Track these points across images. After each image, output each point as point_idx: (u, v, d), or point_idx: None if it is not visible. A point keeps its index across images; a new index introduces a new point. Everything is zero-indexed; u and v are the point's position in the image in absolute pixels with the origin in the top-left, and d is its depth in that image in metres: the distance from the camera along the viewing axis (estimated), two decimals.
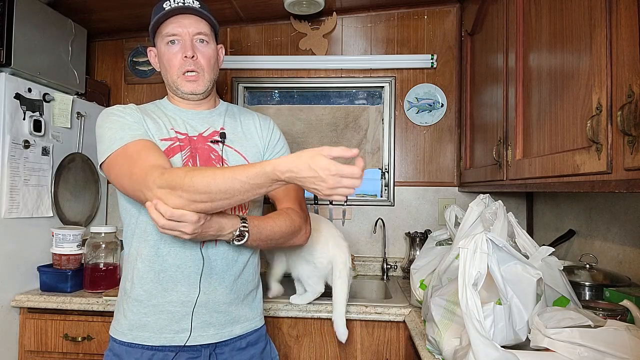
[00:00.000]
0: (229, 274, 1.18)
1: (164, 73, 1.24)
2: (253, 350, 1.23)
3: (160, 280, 1.13)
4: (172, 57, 1.18)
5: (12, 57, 1.64)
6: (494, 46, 1.59)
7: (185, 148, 1.18)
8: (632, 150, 0.76)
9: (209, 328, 1.15)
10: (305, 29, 2.26)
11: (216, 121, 1.27)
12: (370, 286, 2.06)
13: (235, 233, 1.07)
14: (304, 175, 0.93)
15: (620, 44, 0.81)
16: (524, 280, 0.92)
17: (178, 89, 1.21)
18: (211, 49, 1.22)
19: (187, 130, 1.22)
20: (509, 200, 2.08)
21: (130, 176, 1.04)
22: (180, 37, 1.17)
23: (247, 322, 1.23)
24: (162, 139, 1.17)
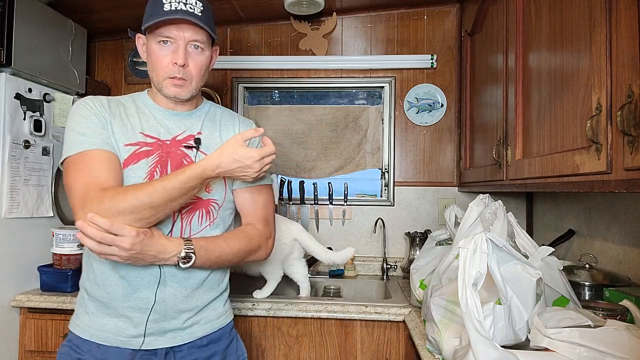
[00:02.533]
0: (190, 282, 1.14)
1: (150, 68, 1.18)
2: (215, 347, 1.20)
3: (123, 285, 1.10)
4: (161, 58, 1.13)
5: (12, 57, 1.64)
6: (493, 46, 1.59)
7: (152, 154, 1.12)
8: (631, 150, 0.76)
9: (166, 333, 1.13)
10: (305, 29, 2.26)
11: (194, 124, 1.21)
12: (370, 286, 2.06)
13: (180, 255, 1.05)
14: (232, 167, 1.06)
15: (620, 44, 0.81)
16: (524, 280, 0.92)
17: (162, 89, 1.16)
18: (204, 57, 1.16)
19: (159, 133, 1.16)
20: (508, 200, 2.08)
21: (73, 191, 1.03)
22: (174, 40, 1.12)
23: (210, 323, 1.20)
24: (127, 144, 1.11)
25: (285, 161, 2.30)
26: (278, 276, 1.67)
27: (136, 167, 1.10)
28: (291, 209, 2.23)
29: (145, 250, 1.01)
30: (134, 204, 0.98)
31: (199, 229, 1.16)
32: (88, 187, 1.01)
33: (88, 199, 0.99)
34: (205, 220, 1.17)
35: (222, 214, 1.21)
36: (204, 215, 1.17)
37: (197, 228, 1.15)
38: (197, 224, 1.15)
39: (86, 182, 1.02)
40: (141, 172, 1.10)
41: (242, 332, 1.61)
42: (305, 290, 1.70)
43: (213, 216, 1.18)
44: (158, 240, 1.04)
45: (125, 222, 0.98)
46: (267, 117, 2.30)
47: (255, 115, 2.31)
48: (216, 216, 1.19)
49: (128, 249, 0.97)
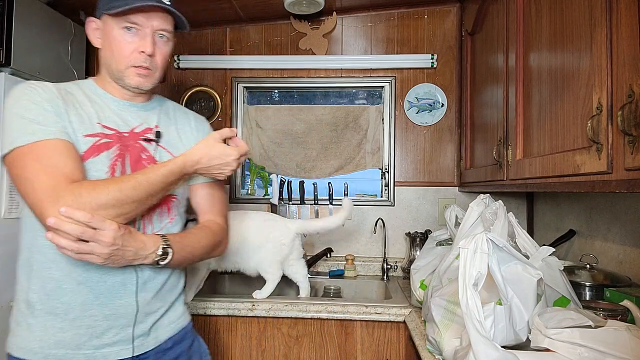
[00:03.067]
0: (154, 284, 1.10)
1: (107, 55, 1.08)
2: (179, 348, 1.17)
3: (80, 293, 1.00)
4: (125, 45, 1.05)
5: (12, 57, 1.64)
6: (494, 46, 1.59)
7: (113, 146, 1.05)
8: (632, 150, 0.75)
9: (134, 340, 1.07)
10: (305, 28, 2.26)
11: (150, 117, 1.16)
12: (371, 286, 2.06)
13: (158, 252, 1.01)
14: (212, 164, 1.07)
15: (620, 43, 0.81)
16: (525, 281, 0.92)
17: (122, 79, 1.08)
18: (169, 48, 1.13)
19: (118, 124, 1.09)
20: (509, 200, 2.08)
21: (35, 184, 0.92)
22: (141, 27, 1.05)
23: (173, 324, 1.17)
24: (86, 135, 1.03)
25: (285, 161, 2.30)
26: (277, 276, 1.67)
27: (97, 161, 1.02)
28: (291, 209, 2.23)
29: (125, 247, 0.94)
30: (117, 197, 0.93)
31: (160, 227, 1.12)
32: (55, 179, 0.92)
33: (60, 192, 0.90)
34: (166, 217, 1.13)
35: (180, 210, 1.19)
36: (165, 212, 1.13)
37: (158, 225, 1.11)
38: (157, 221, 1.11)
39: (51, 174, 0.92)
40: (102, 166, 1.03)
41: (242, 333, 1.61)
42: (305, 290, 1.70)
43: (174, 213, 1.15)
44: (136, 236, 0.98)
45: (105, 216, 0.91)
46: (267, 117, 2.30)
47: (255, 116, 2.31)
48: (176, 213, 1.16)
49: (110, 243, 0.90)
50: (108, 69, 1.10)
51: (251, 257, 1.65)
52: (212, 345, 1.62)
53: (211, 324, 1.62)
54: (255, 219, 1.69)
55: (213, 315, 1.61)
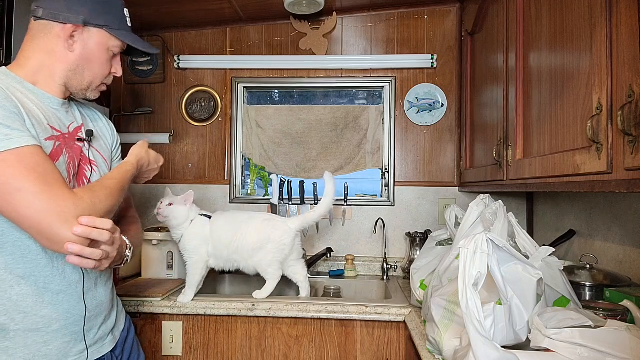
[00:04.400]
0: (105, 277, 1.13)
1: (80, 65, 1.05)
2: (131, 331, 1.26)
3: (61, 301, 0.99)
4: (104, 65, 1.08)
5: (12, 57, 1.64)
6: (494, 46, 1.59)
7: (63, 148, 1.02)
8: (632, 150, 0.75)
9: (109, 335, 1.13)
10: (305, 28, 2.26)
11: (75, 114, 1.13)
12: (371, 286, 2.06)
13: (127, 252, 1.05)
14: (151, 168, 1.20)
15: (620, 43, 0.81)
16: (524, 281, 0.92)
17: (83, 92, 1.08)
18: None
19: (59, 125, 1.04)
20: (509, 200, 2.08)
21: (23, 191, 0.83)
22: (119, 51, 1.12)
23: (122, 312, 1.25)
24: (46, 138, 0.97)
25: (285, 161, 2.30)
26: (278, 276, 1.67)
27: (58, 165, 0.98)
28: (291, 209, 2.23)
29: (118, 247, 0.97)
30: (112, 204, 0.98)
31: None
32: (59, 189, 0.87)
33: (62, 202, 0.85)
34: None
35: None
36: None
37: None
38: None
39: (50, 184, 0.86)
40: (62, 171, 0.98)
41: (243, 333, 1.61)
42: (305, 290, 1.70)
43: None
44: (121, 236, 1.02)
45: None
46: (267, 117, 2.30)
47: (256, 116, 2.31)
48: None
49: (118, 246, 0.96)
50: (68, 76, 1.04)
51: (251, 257, 1.65)
52: (212, 345, 1.62)
53: (211, 324, 1.62)
54: (255, 219, 1.69)
55: (213, 315, 1.61)
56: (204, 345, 1.62)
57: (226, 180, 2.31)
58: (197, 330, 1.63)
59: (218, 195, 2.30)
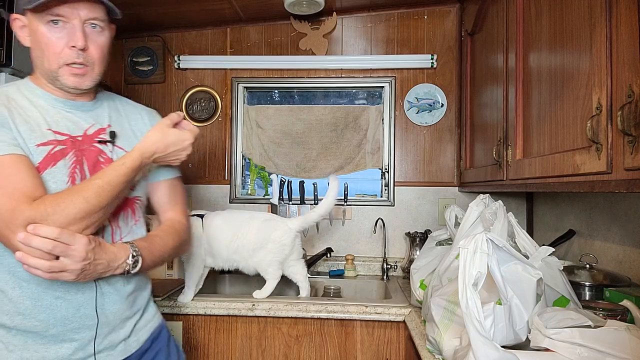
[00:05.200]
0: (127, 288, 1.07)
1: (37, 55, 0.99)
2: (158, 345, 1.17)
3: (61, 306, 0.97)
4: (54, 42, 0.96)
5: (12, 57, 1.64)
6: (494, 46, 1.59)
7: (68, 153, 0.99)
8: (632, 150, 0.75)
9: (117, 346, 1.06)
10: (305, 29, 2.26)
11: (100, 116, 1.09)
12: (371, 286, 2.06)
13: (128, 261, 0.97)
14: (169, 151, 1.06)
15: (620, 43, 0.81)
16: (524, 280, 0.92)
17: (58, 80, 1.00)
18: (105, 38, 1.03)
19: (69, 128, 1.02)
20: (509, 200, 2.08)
21: None
22: (67, 19, 0.96)
23: (151, 322, 1.17)
24: (39, 144, 0.96)
25: (285, 161, 2.30)
26: (278, 276, 1.67)
27: (55, 171, 0.96)
28: (291, 209, 2.23)
29: (97, 260, 0.90)
30: (84, 209, 0.89)
31: (128, 230, 1.09)
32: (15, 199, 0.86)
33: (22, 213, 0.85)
34: (131, 219, 1.10)
35: (143, 210, 1.16)
36: (130, 214, 1.10)
37: (126, 229, 1.08)
38: (124, 225, 1.08)
39: (10, 195, 0.87)
40: (61, 176, 0.97)
41: (243, 333, 1.61)
42: (305, 290, 1.70)
43: (138, 214, 1.13)
44: (106, 247, 0.94)
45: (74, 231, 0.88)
46: (267, 117, 2.30)
47: (256, 116, 2.31)
48: (140, 214, 1.14)
49: (82, 258, 0.86)
50: (41, 70, 1.01)
51: (251, 257, 1.65)
52: (212, 345, 1.62)
53: (211, 323, 1.62)
54: (255, 219, 1.69)
55: (213, 315, 1.61)
56: (204, 345, 1.63)
57: (226, 180, 2.31)
58: (197, 330, 1.63)
59: (218, 195, 2.30)
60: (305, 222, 1.73)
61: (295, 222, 1.71)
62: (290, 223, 1.71)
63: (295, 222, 1.71)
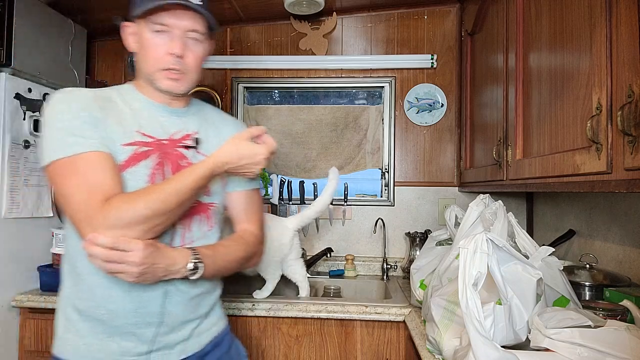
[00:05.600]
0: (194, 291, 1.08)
1: (140, 59, 1.07)
2: (219, 351, 1.17)
3: (128, 300, 1.00)
4: (155, 48, 1.03)
5: (12, 57, 1.64)
6: (494, 46, 1.59)
7: (152, 154, 1.03)
8: (632, 150, 0.75)
9: (175, 346, 1.07)
10: (305, 29, 2.26)
11: (189, 123, 1.14)
12: (370, 286, 2.06)
13: (188, 267, 0.99)
14: (242, 164, 1.05)
15: (620, 43, 0.81)
16: (524, 280, 0.92)
17: (154, 82, 1.06)
18: (202, 49, 1.09)
19: (157, 132, 1.07)
20: (509, 200, 2.08)
21: (71, 203, 0.93)
22: (171, 29, 1.03)
23: (214, 327, 1.17)
24: (125, 144, 1.01)
25: (285, 161, 2.30)
26: (277, 276, 1.67)
27: (135, 170, 1.01)
28: (291, 209, 2.23)
29: (155, 264, 0.93)
30: (145, 214, 0.91)
31: (200, 236, 1.09)
32: (89, 197, 0.92)
33: (91, 213, 0.90)
34: (205, 225, 1.11)
35: (218, 217, 1.16)
36: (204, 220, 1.11)
37: (198, 235, 1.09)
38: (197, 230, 1.09)
39: (86, 192, 0.92)
40: (141, 176, 1.01)
41: (242, 333, 1.61)
42: (304, 290, 1.70)
43: (213, 221, 1.13)
44: (165, 252, 0.96)
45: (134, 234, 0.91)
46: (267, 117, 2.30)
47: (255, 116, 2.31)
48: (215, 221, 1.14)
49: (139, 263, 0.89)
50: (142, 73, 1.09)
51: None
52: None
53: None
54: None
55: None
56: None
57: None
58: None
59: None
60: (302, 219, 1.73)
61: (292, 221, 1.71)
62: (288, 222, 1.70)
63: (293, 221, 1.71)
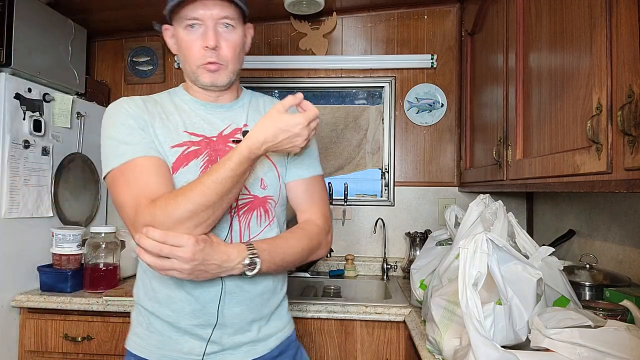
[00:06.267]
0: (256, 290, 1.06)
1: (181, 59, 1.08)
2: (285, 357, 1.13)
3: (190, 302, 1.01)
4: (191, 44, 1.02)
5: (12, 57, 1.64)
6: (494, 46, 1.59)
7: (202, 153, 1.03)
8: (632, 150, 0.75)
9: (242, 347, 1.05)
10: (305, 29, 2.26)
11: (238, 116, 1.11)
12: (370, 286, 2.06)
13: (245, 262, 0.95)
14: (279, 140, 0.94)
15: (620, 44, 0.81)
16: (524, 280, 0.92)
17: (197, 79, 1.06)
18: (237, 35, 1.05)
19: (204, 129, 1.06)
20: (509, 200, 2.08)
21: (124, 207, 0.95)
22: (202, 21, 1.01)
23: (281, 331, 1.13)
24: (173, 146, 1.02)
25: None
26: None
27: (187, 170, 1.01)
28: None
29: (207, 260, 0.90)
30: (189, 209, 0.88)
31: (259, 230, 1.06)
32: (138, 200, 0.92)
33: (140, 214, 0.91)
34: (264, 220, 1.07)
35: (278, 210, 1.12)
36: (262, 214, 1.07)
37: (257, 229, 1.06)
38: (256, 225, 1.06)
39: (135, 196, 0.93)
40: (193, 175, 0.99)
41: None
42: None
43: (272, 214, 1.09)
44: (219, 247, 0.93)
45: (184, 231, 0.89)
46: None
47: None
48: (274, 214, 1.09)
49: (189, 259, 0.87)
50: (186, 72, 1.09)
51: None
52: None
53: None
54: None
55: None
56: None
57: None
58: None
59: None
60: None
61: None
62: None
63: None
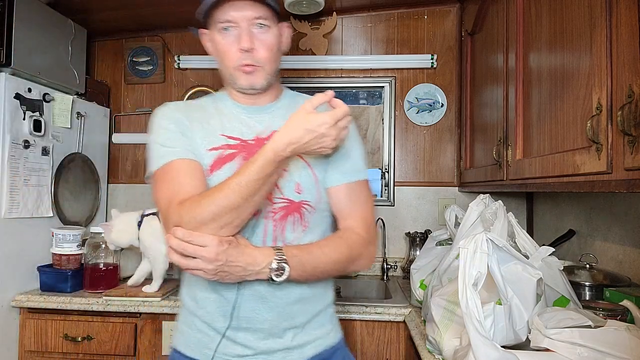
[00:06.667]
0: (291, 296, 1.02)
1: (219, 63, 1.06)
2: None
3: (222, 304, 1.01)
4: (227, 47, 1.01)
5: (12, 57, 1.64)
6: (494, 46, 1.59)
7: (236, 156, 1.02)
8: (632, 150, 0.75)
9: (275, 353, 1.01)
10: (305, 29, 2.26)
11: (276, 118, 1.08)
12: (370, 286, 2.06)
13: (271, 267, 0.92)
14: (306, 140, 0.89)
15: (620, 44, 0.81)
16: (524, 280, 0.92)
17: (235, 82, 1.04)
18: (272, 35, 1.03)
19: (242, 132, 1.05)
20: (509, 200, 2.08)
21: (159, 206, 0.97)
22: (236, 23, 1.00)
23: (320, 340, 1.06)
24: (210, 149, 1.02)
25: None
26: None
27: (221, 173, 0.99)
28: None
29: (231, 262, 0.89)
30: (213, 210, 0.88)
31: (294, 237, 1.03)
32: (170, 201, 0.94)
33: (170, 214, 0.93)
34: (299, 225, 1.03)
35: (317, 217, 1.06)
36: (298, 220, 1.03)
37: (292, 235, 1.02)
38: (290, 230, 1.02)
39: (169, 196, 0.95)
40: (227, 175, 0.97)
41: None
42: None
43: (307, 221, 1.04)
44: (245, 249, 0.92)
45: (208, 232, 0.89)
46: None
47: None
48: (310, 220, 1.05)
49: (212, 259, 0.87)
50: (224, 76, 1.08)
51: None
52: None
53: None
54: None
55: None
56: None
57: None
58: None
59: None
60: None
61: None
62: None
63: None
